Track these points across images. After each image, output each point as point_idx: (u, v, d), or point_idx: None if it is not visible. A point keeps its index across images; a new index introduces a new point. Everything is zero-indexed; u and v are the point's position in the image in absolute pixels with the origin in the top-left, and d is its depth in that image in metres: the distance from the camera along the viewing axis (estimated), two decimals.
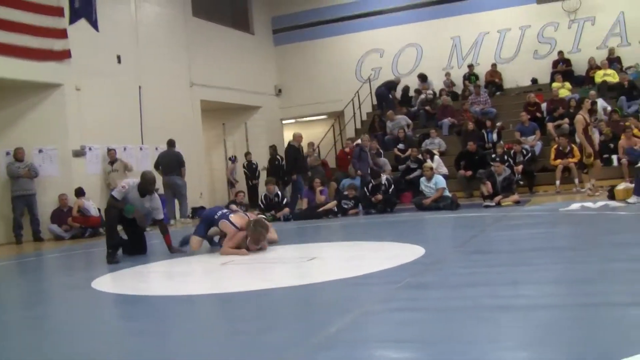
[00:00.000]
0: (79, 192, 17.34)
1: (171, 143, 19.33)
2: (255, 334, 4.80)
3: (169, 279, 8.50)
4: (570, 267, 6.62)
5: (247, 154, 24.15)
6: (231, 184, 24.34)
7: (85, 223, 17.24)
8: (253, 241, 9.80)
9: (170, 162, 19.10)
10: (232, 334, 4.97)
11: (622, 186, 13.91)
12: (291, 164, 19.04)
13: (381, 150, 20.93)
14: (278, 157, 22.99)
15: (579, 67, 23.70)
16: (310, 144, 23.27)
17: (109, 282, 8.23)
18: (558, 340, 4.00)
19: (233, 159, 24.47)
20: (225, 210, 10.84)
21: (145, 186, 10.70)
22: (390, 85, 24.79)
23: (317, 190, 17.67)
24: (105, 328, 5.73)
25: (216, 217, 10.35)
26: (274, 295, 6.44)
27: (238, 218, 10.20)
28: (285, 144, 23.45)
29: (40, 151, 17.69)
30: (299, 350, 4.20)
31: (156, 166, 19.01)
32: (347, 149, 20.85)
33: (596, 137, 17.57)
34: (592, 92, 20.44)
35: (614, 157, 18.32)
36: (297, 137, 19.58)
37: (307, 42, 27.79)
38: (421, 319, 4.84)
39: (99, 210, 17.56)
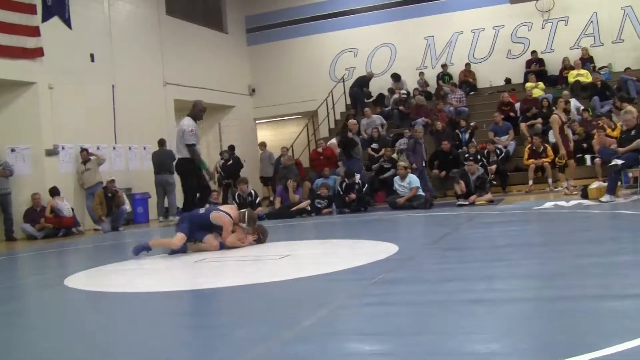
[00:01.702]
0: (54, 192, 17.23)
1: (162, 142, 19.50)
2: (229, 328, 4.79)
3: (142, 276, 8.43)
4: (543, 262, 6.66)
5: (223, 152, 23.69)
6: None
7: (59, 223, 17.11)
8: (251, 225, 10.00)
9: (163, 161, 19.27)
10: (206, 328, 4.93)
11: (595, 185, 13.99)
12: (348, 152, 18.83)
13: None
14: (232, 158, 22.43)
15: (553, 67, 23.88)
16: (283, 148, 23.20)
17: (82, 280, 8.16)
18: (531, 332, 4.03)
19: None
20: (208, 207, 10.86)
21: (198, 113, 12.10)
22: (362, 82, 24.76)
23: (291, 189, 17.66)
24: (76, 324, 5.69)
25: (202, 211, 10.19)
26: (248, 291, 6.42)
27: (228, 209, 10.20)
28: (259, 143, 23.49)
29: (13, 150, 17.57)
30: (272, 344, 4.18)
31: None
32: (319, 149, 20.84)
33: (570, 137, 17.68)
34: (565, 92, 20.55)
35: (587, 157, 18.43)
36: (352, 126, 19.79)
37: (280, 42, 27.82)
38: (395, 313, 4.84)
39: (72, 210, 17.50)
